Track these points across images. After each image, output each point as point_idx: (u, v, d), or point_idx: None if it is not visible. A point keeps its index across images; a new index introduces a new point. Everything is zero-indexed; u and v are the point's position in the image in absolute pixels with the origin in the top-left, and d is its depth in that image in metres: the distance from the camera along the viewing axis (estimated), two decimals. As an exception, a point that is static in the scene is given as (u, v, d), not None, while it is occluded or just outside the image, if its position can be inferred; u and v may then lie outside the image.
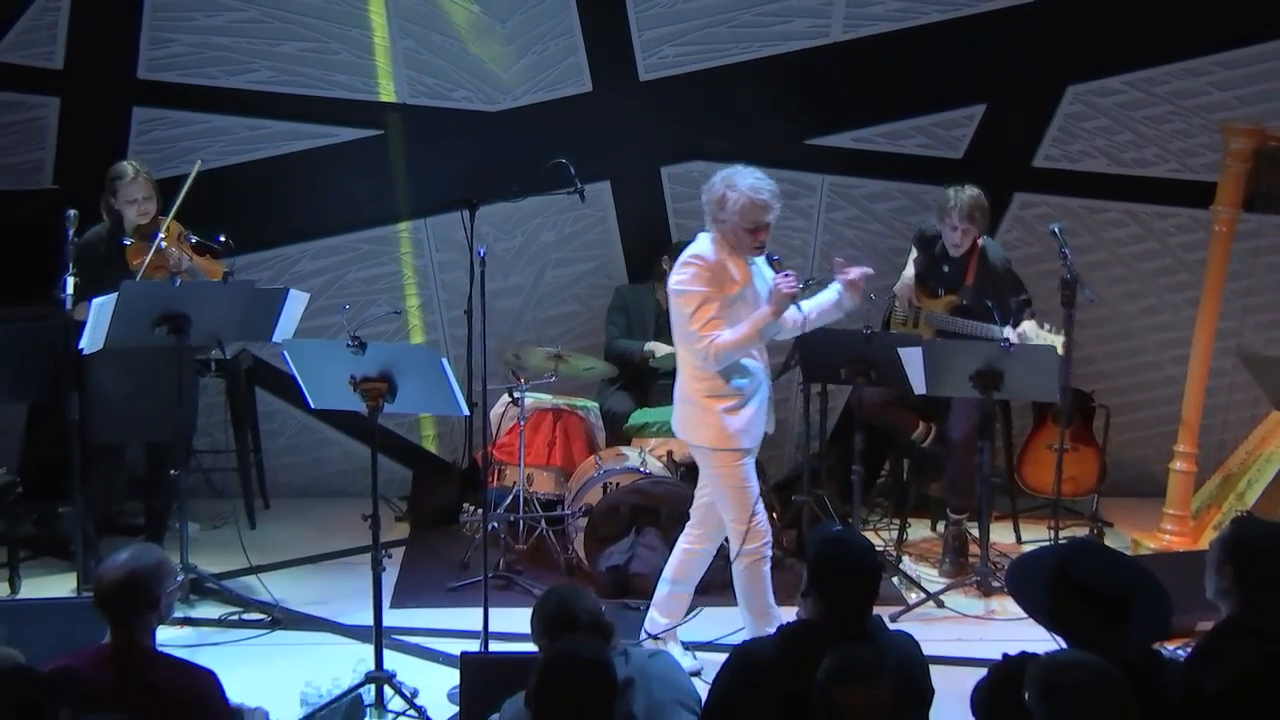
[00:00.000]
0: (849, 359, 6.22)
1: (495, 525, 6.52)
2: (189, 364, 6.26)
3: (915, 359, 6.03)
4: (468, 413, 5.81)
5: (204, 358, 6.65)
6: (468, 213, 6.34)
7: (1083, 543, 4.75)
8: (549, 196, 7.06)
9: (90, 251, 6.20)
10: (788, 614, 4.73)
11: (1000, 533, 6.94)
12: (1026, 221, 7.77)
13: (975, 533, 6.55)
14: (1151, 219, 7.82)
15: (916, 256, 6.91)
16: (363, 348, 4.93)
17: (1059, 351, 6.15)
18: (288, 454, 7.90)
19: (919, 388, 6.12)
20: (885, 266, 7.41)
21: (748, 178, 5.19)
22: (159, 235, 6.24)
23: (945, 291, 6.77)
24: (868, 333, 6.24)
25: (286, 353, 5.40)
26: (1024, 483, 7.36)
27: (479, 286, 5.78)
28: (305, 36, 7.52)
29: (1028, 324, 6.34)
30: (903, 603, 6.21)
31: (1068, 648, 3.59)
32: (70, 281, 5.90)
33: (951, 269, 6.75)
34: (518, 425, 6.61)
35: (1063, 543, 6.03)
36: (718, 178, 5.25)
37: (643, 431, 7.05)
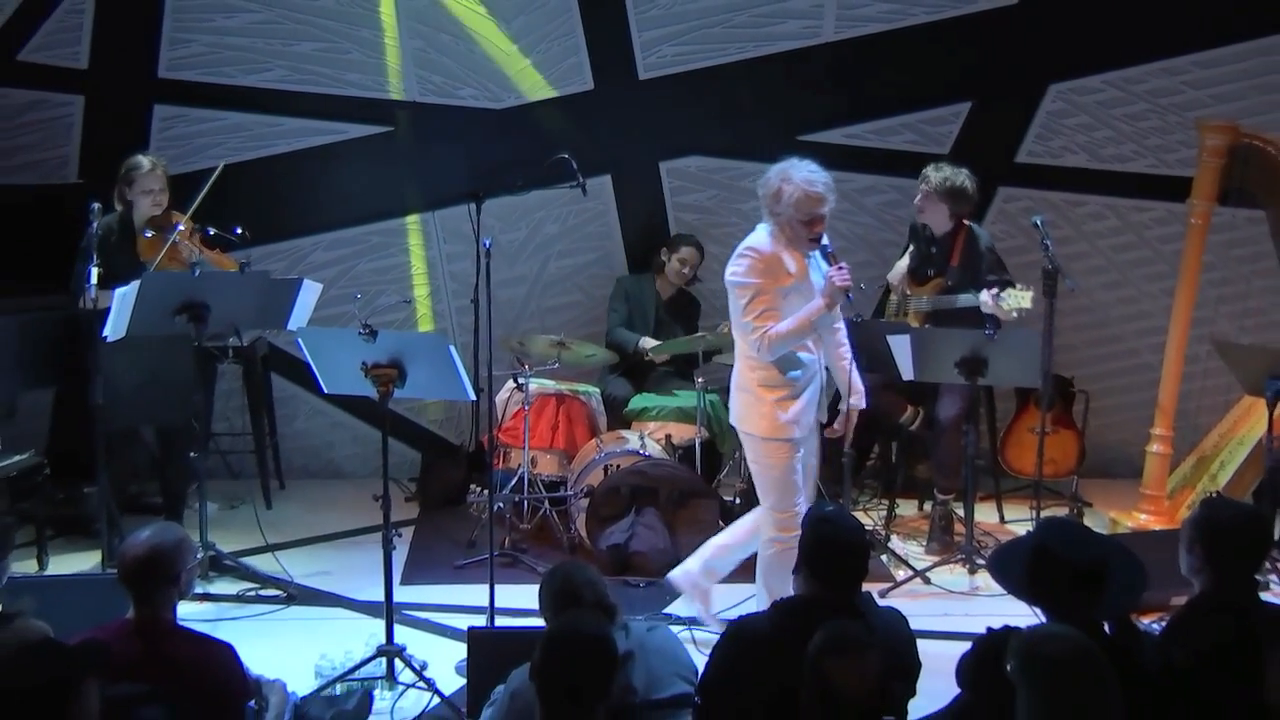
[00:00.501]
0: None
1: (501, 506, 6.55)
2: (192, 351, 6.13)
3: (904, 346, 6.06)
4: (474, 398, 5.76)
5: (221, 345, 6.61)
6: (474, 206, 6.44)
7: (1058, 520, 4.81)
8: (552, 190, 7.13)
9: (101, 241, 6.21)
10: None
11: (984, 512, 6.99)
12: (1010, 214, 7.81)
13: (961, 512, 6.59)
14: (1130, 212, 7.88)
15: (911, 250, 6.93)
16: (374, 335, 4.91)
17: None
18: (302, 437, 7.95)
19: (907, 374, 6.16)
20: (875, 258, 7.59)
21: (802, 170, 5.11)
22: (176, 229, 6.28)
23: (934, 274, 6.75)
24: (858, 320, 6.19)
25: (301, 340, 5.38)
26: (1007, 465, 7.43)
27: (485, 277, 5.87)
28: (318, 37, 7.58)
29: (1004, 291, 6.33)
30: (891, 579, 6.26)
31: (1048, 622, 3.65)
32: (94, 271, 5.94)
33: (939, 250, 6.73)
34: (522, 410, 6.63)
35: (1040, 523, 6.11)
36: (773, 171, 5.16)
37: (642, 415, 7.11)
